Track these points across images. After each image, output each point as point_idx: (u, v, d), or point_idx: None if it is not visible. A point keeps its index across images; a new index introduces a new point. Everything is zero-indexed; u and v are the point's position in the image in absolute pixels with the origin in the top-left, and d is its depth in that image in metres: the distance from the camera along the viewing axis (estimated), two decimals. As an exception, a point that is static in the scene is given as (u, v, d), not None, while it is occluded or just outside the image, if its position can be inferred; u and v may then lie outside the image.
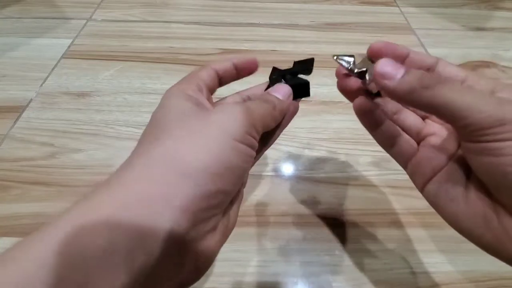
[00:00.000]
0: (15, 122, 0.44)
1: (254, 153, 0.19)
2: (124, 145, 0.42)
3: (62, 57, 0.54)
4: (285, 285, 0.31)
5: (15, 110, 0.45)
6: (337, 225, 0.35)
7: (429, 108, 0.17)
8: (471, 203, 0.18)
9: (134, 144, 0.18)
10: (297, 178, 0.39)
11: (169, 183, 0.16)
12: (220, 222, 0.18)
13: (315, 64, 0.25)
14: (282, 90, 0.22)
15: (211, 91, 0.23)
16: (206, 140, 0.17)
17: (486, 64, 0.57)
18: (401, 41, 0.61)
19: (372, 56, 0.22)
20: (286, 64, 0.25)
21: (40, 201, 0.36)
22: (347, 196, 0.38)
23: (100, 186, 0.16)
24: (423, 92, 0.17)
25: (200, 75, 0.22)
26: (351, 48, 0.59)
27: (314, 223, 0.36)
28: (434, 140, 0.21)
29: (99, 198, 0.15)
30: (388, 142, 0.23)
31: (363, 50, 0.22)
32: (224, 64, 0.23)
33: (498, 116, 0.15)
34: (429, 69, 0.21)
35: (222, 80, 0.23)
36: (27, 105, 0.46)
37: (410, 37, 0.62)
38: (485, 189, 0.18)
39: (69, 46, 0.56)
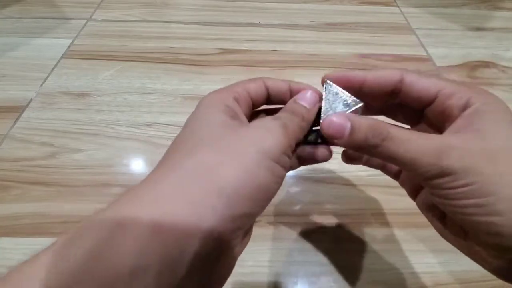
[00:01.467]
0: (15, 122, 0.44)
1: (285, 174, 0.18)
2: (124, 145, 0.42)
3: (62, 57, 0.54)
4: (285, 285, 0.31)
5: (15, 110, 0.45)
6: (337, 225, 0.35)
7: (380, 159, 0.18)
8: (448, 223, 0.20)
9: (134, 144, 0.18)
10: (297, 178, 0.39)
11: (202, 203, 0.15)
12: (241, 241, 0.18)
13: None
14: (309, 99, 0.21)
15: (255, 104, 0.21)
16: (242, 159, 0.16)
17: (486, 64, 0.57)
18: (401, 41, 0.61)
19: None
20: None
21: (40, 201, 0.36)
22: (347, 196, 0.38)
23: (128, 197, 0.15)
24: (371, 149, 0.18)
25: (246, 86, 0.21)
26: (351, 48, 0.59)
27: (314, 223, 0.36)
28: None
29: (129, 213, 0.15)
30: (377, 167, 0.25)
31: (363, 50, 0.22)
32: (279, 83, 0.22)
33: (436, 171, 0.16)
34: (395, 89, 0.20)
35: (272, 98, 0.22)
36: (27, 105, 0.46)
37: (410, 37, 0.62)
38: None
39: (69, 46, 0.56)
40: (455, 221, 0.19)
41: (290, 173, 0.40)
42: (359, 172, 0.40)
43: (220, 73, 0.53)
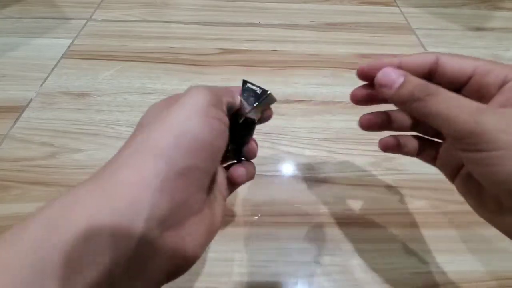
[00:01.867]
0: (15, 122, 0.44)
1: (224, 128, 0.20)
2: (124, 145, 0.42)
3: (62, 57, 0.54)
4: (285, 285, 0.31)
5: (15, 110, 0.45)
6: (337, 225, 0.35)
7: (420, 117, 0.19)
8: (483, 198, 0.20)
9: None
10: (297, 178, 0.39)
11: (146, 168, 0.16)
12: (205, 208, 0.19)
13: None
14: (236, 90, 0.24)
15: None
16: (175, 121, 0.18)
17: (486, 64, 0.57)
18: (401, 41, 0.61)
19: (363, 78, 0.22)
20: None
21: (40, 201, 0.36)
22: (347, 196, 0.38)
23: (87, 179, 0.17)
24: (414, 103, 0.18)
25: None
26: (351, 48, 0.59)
27: (314, 223, 0.36)
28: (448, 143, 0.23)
29: (84, 190, 0.16)
30: (412, 154, 0.25)
31: (363, 50, 0.22)
32: None
33: (469, 129, 0.16)
34: (431, 70, 0.21)
35: None
36: (27, 105, 0.46)
37: (410, 37, 0.62)
38: None
39: (69, 46, 0.56)
40: (491, 196, 0.19)
41: (290, 173, 0.40)
42: (359, 172, 0.40)
43: (220, 73, 0.53)
